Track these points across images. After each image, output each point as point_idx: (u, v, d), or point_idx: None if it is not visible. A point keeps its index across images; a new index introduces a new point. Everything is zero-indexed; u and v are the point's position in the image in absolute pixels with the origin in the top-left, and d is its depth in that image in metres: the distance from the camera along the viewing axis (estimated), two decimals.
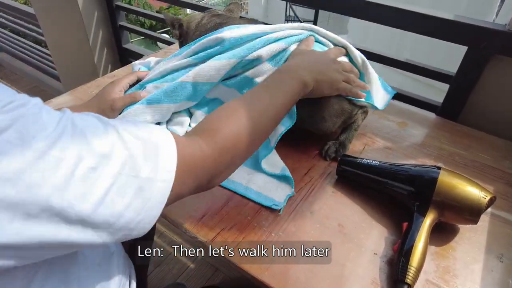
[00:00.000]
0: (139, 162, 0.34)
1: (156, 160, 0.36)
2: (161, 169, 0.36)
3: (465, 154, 0.72)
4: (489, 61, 0.76)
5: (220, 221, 0.57)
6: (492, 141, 0.77)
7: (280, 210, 0.58)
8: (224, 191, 0.62)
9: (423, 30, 0.81)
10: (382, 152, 0.72)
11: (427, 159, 0.71)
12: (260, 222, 0.57)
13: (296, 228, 0.56)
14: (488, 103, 0.81)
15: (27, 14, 2.17)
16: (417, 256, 0.49)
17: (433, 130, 0.81)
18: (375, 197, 0.61)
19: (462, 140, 0.76)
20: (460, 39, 0.77)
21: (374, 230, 0.57)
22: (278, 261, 0.51)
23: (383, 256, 0.53)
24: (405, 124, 0.81)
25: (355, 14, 0.91)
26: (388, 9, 0.83)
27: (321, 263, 0.51)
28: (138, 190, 0.34)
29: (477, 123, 0.81)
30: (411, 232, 0.52)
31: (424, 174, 0.56)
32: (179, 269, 1.33)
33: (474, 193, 0.52)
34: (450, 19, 0.76)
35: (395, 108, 0.86)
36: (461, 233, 0.56)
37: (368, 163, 0.61)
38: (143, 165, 0.34)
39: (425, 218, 0.53)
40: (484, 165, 0.70)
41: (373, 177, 0.61)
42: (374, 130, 0.78)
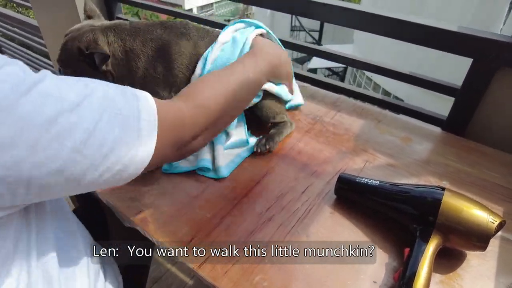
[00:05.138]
0: (120, 102, 0.38)
1: (137, 104, 0.40)
2: (142, 111, 0.40)
3: (472, 171, 0.68)
4: (495, 74, 0.72)
5: (211, 244, 0.54)
6: (500, 157, 0.73)
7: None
8: (216, 212, 0.59)
9: (427, 42, 0.78)
10: (384, 170, 0.68)
11: (431, 177, 0.67)
12: (254, 244, 0.54)
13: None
14: (496, 117, 0.77)
15: (33, 27, 2.19)
16: (420, 285, 0.45)
17: (438, 146, 0.77)
18: (375, 219, 0.58)
19: (469, 156, 0.73)
20: (465, 51, 0.74)
21: (376, 255, 0.53)
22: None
23: (383, 285, 0.49)
24: (409, 139, 0.77)
25: (359, 27, 0.88)
26: (392, 21, 0.80)
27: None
28: (123, 124, 0.37)
29: (485, 138, 0.77)
30: (413, 258, 0.48)
31: (427, 195, 0.52)
32: (177, 285, 1.29)
33: (482, 217, 0.48)
34: (454, 31, 0.73)
35: (399, 122, 0.83)
36: (468, 260, 0.52)
37: (368, 183, 0.58)
38: (123, 105, 0.38)
39: (428, 244, 0.49)
40: (493, 183, 0.66)
41: (373, 198, 0.57)
42: (375, 146, 0.74)
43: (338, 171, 0.67)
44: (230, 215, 0.59)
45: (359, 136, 0.77)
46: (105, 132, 0.35)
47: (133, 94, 0.41)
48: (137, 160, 0.40)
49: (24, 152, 0.30)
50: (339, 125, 0.81)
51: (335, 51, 0.99)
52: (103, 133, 0.35)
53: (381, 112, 0.86)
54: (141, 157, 0.40)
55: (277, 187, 0.64)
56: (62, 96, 0.33)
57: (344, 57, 0.97)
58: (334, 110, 0.86)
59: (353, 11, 0.85)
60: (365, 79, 4.27)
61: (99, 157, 0.35)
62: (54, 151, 0.32)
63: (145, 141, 0.40)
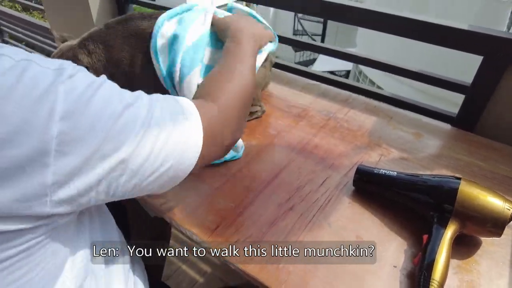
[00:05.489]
0: (163, 101, 0.42)
1: (177, 102, 0.44)
2: (185, 106, 0.44)
3: (484, 165, 0.71)
4: (506, 71, 0.75)
5: (235, 232, 0.56)
6: (510, 151, 0.75)
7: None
8: (239, 203, 0.61)
9: (438, 40, 0.80)
10: (398, 163, 0.71)
11: (444, 169, 0.69)
12: (275, 234, 0.56)
13: (313, 239, 0.55)
14: (506, 113, 0.80)
15: (42, 28, 2.22)
16: (440, 269, 0.47)
17: (449, 141, 0.79)
18: (393, 209, 0.60)
19: (479, 151, 0.75)
20: (476, 49, 0.76)
21: (394, 242, 0.55)
22: (295, 270, 0.50)
23: (403, 269, 0.51)
24: (420, 135, 0.79)
25: (368, 25, 0.91)
26: (402, 19, 0.83)
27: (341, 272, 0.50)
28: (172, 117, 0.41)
29: (495, 134, 0.80)
30: (432, 244, 0.50)
31: (444, 184, 0.54)
32: (188, 282, 1.31)
33: (497, 204, 0.51)
34: (465, 29, 0.75)
35: (409, 119, 0.85)
36: (484, 247, 0.54)
37: (386, 174, 0.60)
38: (167, 105, 0.42)
39: (446, 230, 0.51)
40: (504, 176, 0.68)
41: (391, 188, 0.59)
42: (389, 141, 0.77)
43: (354, 164, 0.69)
44: (252, 205, 0.61)
45: (372, 132, 0.79)
46: (159, 122, 0.39)
47: (171, 97, 0.45)
48: (190, 152, 0.43)
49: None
50: (352, 122, 0.83)
51: (343, 49, 1.01)
52: (158, 122, 0.39)
53: (392, 109, 0.88)
54: (193, 146, 0.43)
55: (296, 179, 0.67)
56: (122, 95, 0.38)
57: (351, 55, 0.99)
58: (346, 107, 0.88)
59: (361, 10, 0.87)
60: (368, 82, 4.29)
61: (158, 148, 0.38)
62: (120, 142, 0.36)
63: (194, 132, 0.43)
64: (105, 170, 0.35)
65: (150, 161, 0.38)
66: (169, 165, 0.40)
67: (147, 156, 0.38)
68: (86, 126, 0.33)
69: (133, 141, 0.36)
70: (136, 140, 0.36)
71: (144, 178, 0.38)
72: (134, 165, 0.37)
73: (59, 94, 0.32)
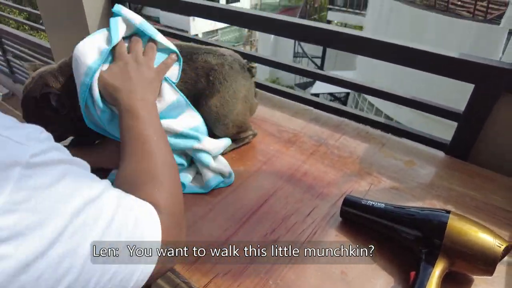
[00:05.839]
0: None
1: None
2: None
3: (477, 195, 0.69)
4: (498, 99, 0.74)
5: (215, 266, 0.54)
6: (505, 182, 0.73)
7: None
8: (221, 232, 0.59)
9: (429, 67, 0.80)
10: (389, 193, 0.69)
11: (436, 200, 0.67)
12: (257, 268, 0.54)
13: (296, 276, 0.53)
14: (499, 141, 0.78)
15: (45, 48, 2.25)
16: None
17: (442, 170, 0.77)
18: (381, 242, 0.58)
19: (473, 180, 0.73)
20: (466, 77, 0.76)
21: (380, 279, 0.53)
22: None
23: None
24: (412, 163, 0.78)
25: (364, 53, 0.91)
26: (395, 47, 0.83)
27: None
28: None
29: (488, 163, 0.78)
30: (419, 282, 0.48)
31: (433, 218, 0.52)
32: None
33: (487, 241, 0.48)
34: (455, 57, 0.75)
35: (402, 146, 0.84)
36: (476, 285, 0.52)
37: (373, 206, 0.58)
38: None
39: (434, 268, 0.49)
40: (497, 207, 0.66)
41: (379, 220, 0.57)
42: (380, 169, 0.75)
43: (343, 194, 0.67)
44: (236, 235, 0.59)
45: (363, 159, 0.78)
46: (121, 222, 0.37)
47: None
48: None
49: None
50: (343, 148, 0.82)
51: (339, 75, 1.01)
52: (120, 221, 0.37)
53: (385, 136, 0.87)
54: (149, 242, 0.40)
55: (283, 208, 0.65)
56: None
57: (348, 82, 0.99)
58: (338, 133, 0.87)
59: (358, 38, 0.87)
60: (367, 104, 4.32)
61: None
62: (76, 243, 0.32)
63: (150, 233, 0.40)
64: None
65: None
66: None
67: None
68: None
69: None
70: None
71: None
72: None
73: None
